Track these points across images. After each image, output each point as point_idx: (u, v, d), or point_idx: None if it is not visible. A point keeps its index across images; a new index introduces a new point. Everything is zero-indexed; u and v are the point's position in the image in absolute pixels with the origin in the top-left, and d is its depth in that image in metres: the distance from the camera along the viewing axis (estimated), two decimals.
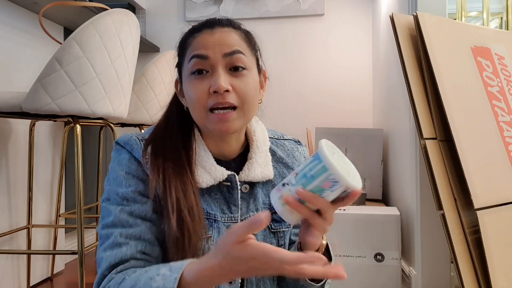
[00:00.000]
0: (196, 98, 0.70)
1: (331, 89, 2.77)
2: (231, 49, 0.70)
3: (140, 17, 2.92)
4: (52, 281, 1.96)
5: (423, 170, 1.57)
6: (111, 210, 0.69)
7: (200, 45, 0.70)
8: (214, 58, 0.69)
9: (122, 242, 0.66)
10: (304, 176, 0.59)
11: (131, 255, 0.66)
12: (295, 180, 0.60)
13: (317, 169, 0.58)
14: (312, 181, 0.58)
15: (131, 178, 0.70)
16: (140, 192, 0.70)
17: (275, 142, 0.84)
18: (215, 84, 0.68)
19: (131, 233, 0.67)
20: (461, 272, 1.18)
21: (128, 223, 0.68)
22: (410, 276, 1.69)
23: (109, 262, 0.65)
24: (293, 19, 2.81)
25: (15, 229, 1.71)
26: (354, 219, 1.74)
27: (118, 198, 0.70)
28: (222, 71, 0.69)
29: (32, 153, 1.76)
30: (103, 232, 0.69)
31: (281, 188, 0.61)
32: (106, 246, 0.67)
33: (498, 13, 4.09)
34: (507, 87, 1.49)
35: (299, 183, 0.59)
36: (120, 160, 0.72)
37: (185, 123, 0.77)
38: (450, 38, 1.47)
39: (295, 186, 0.59)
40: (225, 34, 0.71)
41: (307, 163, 0.60)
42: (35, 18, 1.81)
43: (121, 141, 0.74)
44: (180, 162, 0.71)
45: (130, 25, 1.47)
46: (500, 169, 1.33)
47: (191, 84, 0.71)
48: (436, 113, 1.36)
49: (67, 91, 1.30)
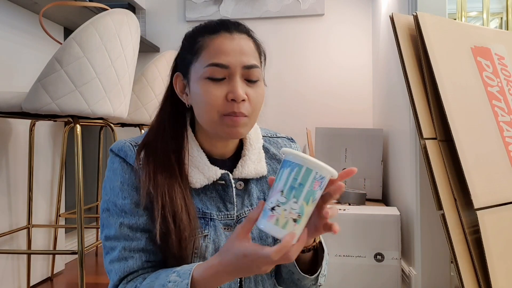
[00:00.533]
0: (211, 102, 0.69)
1: (331, 89, 2.77)
2: (250, 62, 0.70)
3: (140, 17, 2.92)
4: (52, 281, 1.96)
5: (423, 170, 1.57)
6: (111, 223, 0.72)
7: (220, 51, 0.69)
8: (234, 68, 0.69)
9: (127, 256, 0.71)
10: (292, 188, 0.57)
11: (137, 267, 0.71)
12: (284, 197, 0.57)
13: (301, 175, 0.57)
14: (303, 189, 0.57)
15: (127, 188, 0.72)
16: (137, 203, 0.72)
17: (268, 140, 0.85)
18: (235, 92, 0.68)
19: (134, 247, 0.71)
20: (461, 272, 1.18)
21: (129, 237, 0.71)
22: (410, 276, 1.69)
23: (119, 275, 0.70)
24: (293, 19, 2.81)
25: (15, 229, 1.71)
26: (354, 219, 1.74)
27: (117, 210, 0.72)
28: (240, 80, 0.70)
29: (32, 153, 1.76)
30: (107, 244, 0.73)
31: (272, 212, 0.57)
32: (113, 259, 0.71)
33: (498, 13, 4.09)
34: (507, 87, 1.49)
35: (291, 198, 0.57)
36: (115, 170, 0.74)
37: (178, 122, 0.77)
38: (450, 38, 1.47)
39: (289, 202, 0.57)
40: (243, 42, 0.71)
41: (286, 175, 0.57)
42: (35, 18, 1.81)
43: (115, 148, 0.75)
44: (169, 167, 0.72)
45: (130, 25, 1.47)
46: (500, 169, 1.33)
47: (205, 87, 0.70)
48: (436, 113, 1.36)
49: (67, 91, 1.30)
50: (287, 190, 0.57)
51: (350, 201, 2.05)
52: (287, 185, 0.57)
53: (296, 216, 0.57)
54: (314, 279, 0.73)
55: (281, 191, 0.57)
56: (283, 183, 0.57)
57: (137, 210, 0.71)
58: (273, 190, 0.59)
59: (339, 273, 1.73)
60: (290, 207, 0.57)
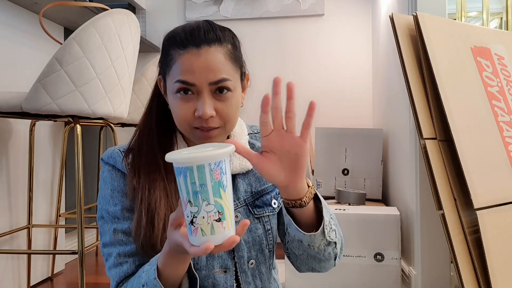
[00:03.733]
0: (181, 116, 0.72)
1: (331, 89, 2.77)
2: (217, 78, 0.70)
3: (140, 17, 2.92)
4: (52, 281, 1.96)
5: (423, 170, 1.57)
6: (106, 230, 0.76)
7: (186, 70, 0.70)
8: (200, 85, 0.70)
9: (122, 262, 0.74)
10: (196, 193, 0.53)
11: (132, 271, 0.73)
12: (195, 206, 0.53)
13: (197, 176, 0.52)
14: (207, 188, 0.53)
15: (117, 195, 0.75)
16: (127, 209, 0.75)
17: (254, 136, 0.87)
18: (201, 110, 0.69)
19: (128, 252, 0.74)
20: (461, 272, 1.18)
21: (123, 242, 0.74)
22: (410, 276, 1.69)
23: (116, 281, 0.74)
24: (293, 19, 2.81)
25: (15, 229, 1.71)
26: (354, 219, 1.74)
27: (110, 217, 0.75)
28: (207, 96, 0.70)
29: (32, 153, 1.76)
30: (105, 250, 0.76)
31: (194, 225, 0.53)
32: (110, 265, 0.75)
33: (498, 13, 4.09)
34: (506, 87, 1.49)
35: (201, 203, 0.53)
36: (105, 178, 0.77)
37: (165, 123, 0.79)
38: (450, 38, 1.47)
39: (201, 208, 0.53)
40: (211, 56, 0.70)
41: (183, 184, 0.53)
42: (35, 18, 1.81)
43: (105, 157, 0.78)
44: (155, 163, 0.74)
45: (130, 25, 1.48)
46: (500, 169, 1.33)
47: (176, 101, 0.72)
48: (436, 113, 1.36)
49: (67, 91, 1.30)
50: (193, 198, 0.53)
51: (350, 201, 2.05)
52: (190, 193, 0.53)
53: (217, 217, 0.53)
54: (321, 234, 0.69)
55: (189, 202, 0.53)
56: (185, 193, 0.53)
57: (128, 215, 0.74)
58: (182, 203, 0.55)
59: (339, 273, 1.73)
60: (206, 211, 0.53)
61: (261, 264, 0.81)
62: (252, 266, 0.79)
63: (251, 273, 0.79)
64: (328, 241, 0.71)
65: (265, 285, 0.82)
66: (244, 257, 0.78)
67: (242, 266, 0.78)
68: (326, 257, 0.74)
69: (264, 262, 0.81)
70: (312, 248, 0.71)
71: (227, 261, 0.77)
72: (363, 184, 2.31)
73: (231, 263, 0.77)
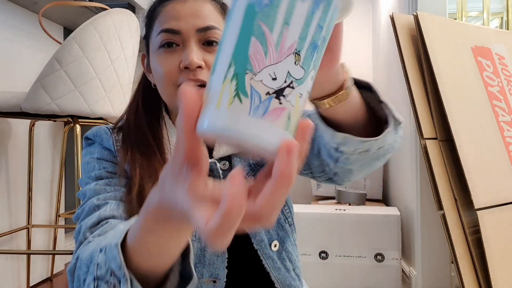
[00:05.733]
0: (165, 73, 0.62)
1: None
2: (205, 24, 0.62)
3: (140, 17, 2.91)
4: (52, 281, 1.95)
5: (423, 170, 1.57)
6: (86, 190, 0.62)
7: (171, 17, 0.62)
8: (187, 33, 0.62)
9: (100, 204, 0.58)
10: (315, 47, 0.29)
11: (110, 213, 0.57)
12: (300, 67, 0.28)
13: (327, 21, 0.30)
14: (323, 49, 0.30)
15: (104, 162, 0.66)
16: (114, 172, 0.65)
17: None
18: (187, 59, 0.60)
19: (110, 196, 0.60)
20: (462, 272, 1.18)
21: (105, 190, 0.61)
22: (410, 276, 1.69)
23: (86, 226, 0.56)
24: None
25: (15, 229, 1.70)
26: (354, 219, 1.73)
27: (93, 180, 0.63)
28: (194, 45, 0.62)
29: (32, 153, 1.75)
30: (79, 211, 0.61)
31: (281, 102, 0.27)
32: (83, 216, 0.58)
33: (499, 13, 4.09)
34: (507, 87, 1.49)
35: (311, 67, 0.29)
36: (92, 150, 0.68)
37: (152, 105, 0.71)
38: (451, 38, 1.47)
39: (308, 76, 0.29)
40: (198, 4, 0.63)
41: (305, 13, 0.28)
42: (35, 18, 1.81)
43: (90, 135, 0.70)
44: (148, 146, 0.65)
45: (130, 25, 1.47)
46: (500, 169, 1.32)
47: (160, 58, 0.63)
48: (436, 113, 1.36)
49: (67, 91, 1.30)
50: (306, 52, 0.28)
51: (350, 201, 2.05)
52: (307, 39, 0.27)
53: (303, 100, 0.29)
54: (393, 125, 0.52)
55: (295, 53, 0.27)
56: (299, 31, 0.27)
57: (114, 175, 0.64)
58: (271, 49, 0.27)
59: (339, 273, 1.72)
60: (306, 86, 0.29)
61: (286, 243, 0.69)
62: (276, 249, 0.68)
63: (277, 256, 0.68)
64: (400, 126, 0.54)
65: (296, 264, 0.71)
66: (264, 240, 0.67)
67: (265, 251, 0.67)
68: (398, 141, 0.59)
69: (289, 239, 0.70)
70: (382, 147, 0.55)
71: (218, 270, 0.64)
72: (364, 184, 2.31)
73: (222, 273, 0.65)
